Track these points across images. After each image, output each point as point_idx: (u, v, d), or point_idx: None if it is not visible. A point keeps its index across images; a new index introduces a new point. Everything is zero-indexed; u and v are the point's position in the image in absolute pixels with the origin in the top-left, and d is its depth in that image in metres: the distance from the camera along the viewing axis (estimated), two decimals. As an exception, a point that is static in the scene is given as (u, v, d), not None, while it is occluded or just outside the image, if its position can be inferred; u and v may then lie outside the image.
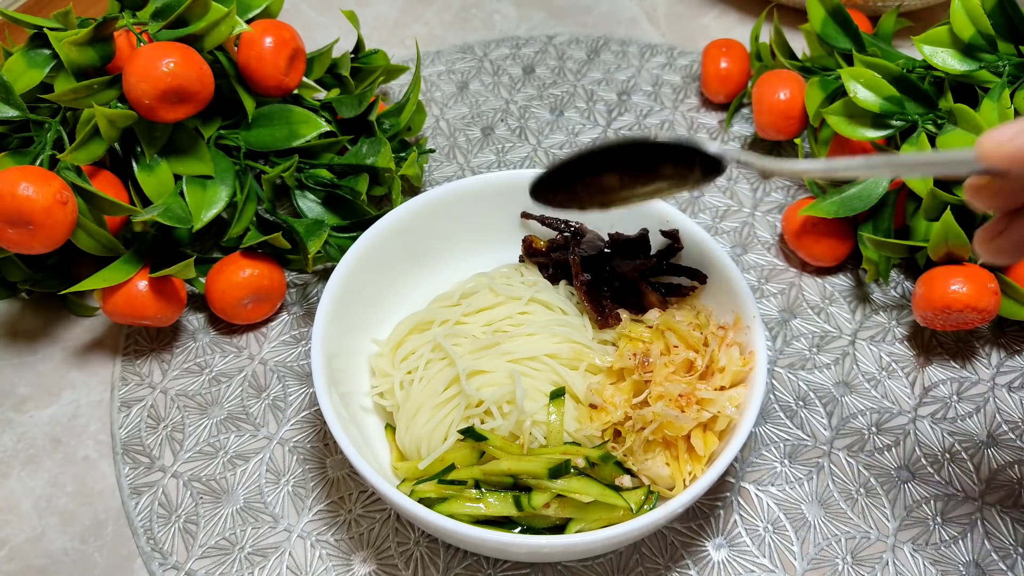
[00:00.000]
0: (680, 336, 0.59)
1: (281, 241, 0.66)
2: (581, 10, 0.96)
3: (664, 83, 0.88)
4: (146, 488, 0.62)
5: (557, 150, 0.82)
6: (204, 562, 0.58)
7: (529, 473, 0.54)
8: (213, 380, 0.67)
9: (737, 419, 0.55)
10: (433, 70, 0.90)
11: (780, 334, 0.70)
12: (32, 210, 0.57)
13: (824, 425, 0.64)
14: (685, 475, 0.56)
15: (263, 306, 0.68)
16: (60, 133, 0.64)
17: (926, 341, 0.69)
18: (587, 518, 0.54)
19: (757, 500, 0.61)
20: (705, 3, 0.97)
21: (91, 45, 0.64)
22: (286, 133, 0.70)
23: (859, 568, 0.58)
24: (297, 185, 0.70)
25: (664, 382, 0.56)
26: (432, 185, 0.80)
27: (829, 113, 0.69)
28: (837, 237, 0.70)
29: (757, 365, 0.56)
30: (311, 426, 0.65)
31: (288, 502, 0.61)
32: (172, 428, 0.65)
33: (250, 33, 0.68)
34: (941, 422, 0.65)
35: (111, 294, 0.63)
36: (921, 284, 0.65)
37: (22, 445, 0.64)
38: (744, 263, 0.74)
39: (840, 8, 0.75)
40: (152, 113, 0.63)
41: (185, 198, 0.66)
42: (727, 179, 0.80)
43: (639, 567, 0.58)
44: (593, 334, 0.62)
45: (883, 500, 0.61)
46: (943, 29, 0.67)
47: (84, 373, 0.68)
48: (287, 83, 0.70)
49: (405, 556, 0.58)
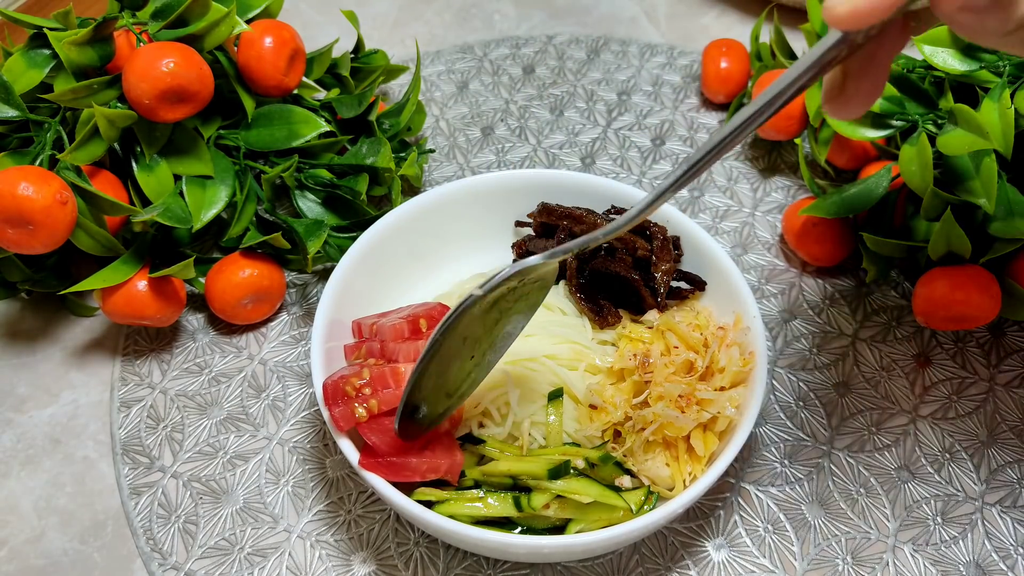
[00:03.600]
0: (680, 337, 0.59)
1: (281, 241, 0.66)
2: (581, 10, 0.96)
3: (664, 83, 0.88)
4: (146, 488, 0.62)
5: (557, 150, 0.82)
6: (204, 562, 0.58)
7: (528, 474, 0.54)
8: (213, 380, 0.67)
9: (737, 419, 0.55)
10: (433, 70, 0.90)
11: (780, 334, 0.70)
12: (32, 210, 0.57)
13: (824, 425, 0.64)
14: (685, 475, 0.56)
15: (263, 306, 0.68)
16: (60, 133, 0.64)
17: (926, 341, 0.69)
18: (587, 519, 0.54)
19: (757, 500, 0.61)
20: (705, 3, 0.97)
21: (91, 45, 0.64)
22: (286, 133, 0.70)
23: (859, 568, 0.58)
24: (297, 185, 0.70)
25: (664, 383, 0.56)
26: (432, 185, 0.80)
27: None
28: (837, 237, 0.70)
29: (757, 365, 0.56)
30: (311, 426, 0.65)
31: (288, 502, 0.61)
32: (172, 428, 0.65)
33: (250, 33, 0.68)
34: (941, 422, 0.65)
35: (111, 294, 0.63)
36: (921, 284, 0.65)
37: (22, 445, 0.64)
38: (744, 263, 0.74)
39: (840, 8, 0.75)
40: (152, 113, 0.62)
41: (185, 198, 0.66)
42: (727, 179, 0.80)
43: (639, 567, 0.58)
44: (593, 334, 0.62)
45: (883, 500, 0.61)
46: (943, 29, 0.66)
47: (84, 373, 0.68)
48: (287, 83, 0.70)
49: (405, 556, 0.58)
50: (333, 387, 0.54)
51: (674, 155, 0.82)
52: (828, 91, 0.42)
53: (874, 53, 0.39)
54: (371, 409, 0.54)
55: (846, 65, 0.40)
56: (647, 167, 0.81)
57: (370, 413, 0.54)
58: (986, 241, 0.65)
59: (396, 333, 0.59)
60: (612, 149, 0.83)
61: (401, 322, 0.59)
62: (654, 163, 0.81)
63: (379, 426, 0.54)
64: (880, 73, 0.40)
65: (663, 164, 0.81)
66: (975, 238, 0.64)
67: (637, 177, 0.80)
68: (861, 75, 0.40)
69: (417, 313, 0.61)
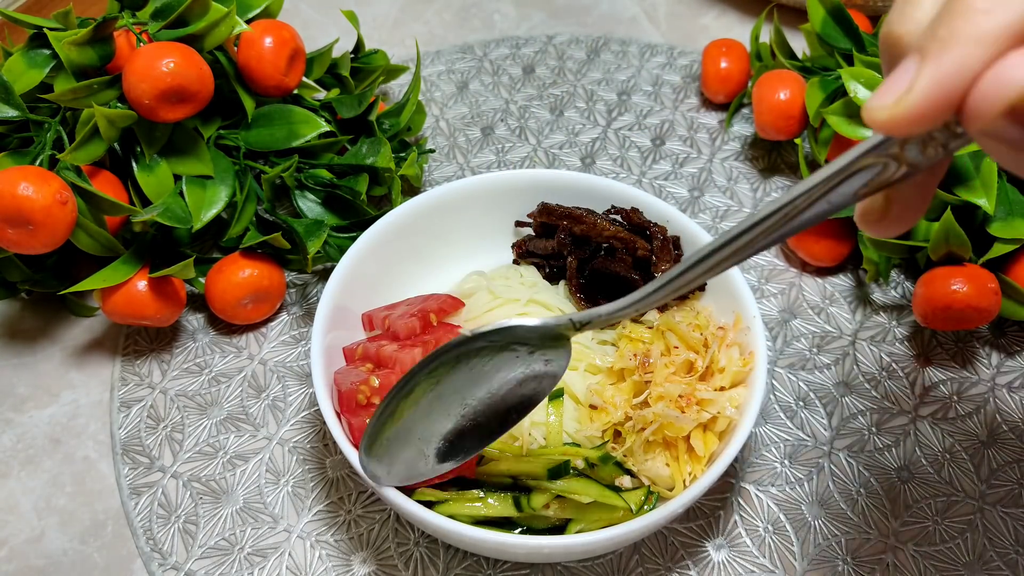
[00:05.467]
0: (680, 337, 0.59)
1: (281, 241, 0.66)
2: (581, 10, 0.96)
3: (664, 83, 0.88)
4: (146, 488, 0.62)
5: (557, 150, 0.82)
6: (204, 562, 0.58)
7: (528, 474, 0.54)
8: (213, 380, 0.67)
9: (737, 419, 0.55)
10: (433, 70, 0.90)
11: (780, 334, 0.70)
12: (32, 210, 0.57)
13: (824, 425, 0.64)
14: (685, 475, 0.56)
15: (263, 306, 0.68)
16: (60, 133, 0.64)
17: (926, 341, 0.69)
18: (587, 519, 0.54)
19: (757, 500, 0.61)
20: (705, 3, 0.97)
21: (91, 45, 0.64)
22: (286, 133, 0.70)
23: (859, 568, 0.58)
24: (297, 185, 0.70)
25: (664, 383, 0.56)
26: (432, 185, 0.80)
27: (829, 113, 0.69)
28: (837, 237, 0.70)
29: (757, 365, 0.56)
30: (311, 426, 0.65)
31: (288, 502, 0.61)
32: (172, 428, 0.65)
33: (250, 33, 0.68)
34: (941, 422, 0.65)
35: (111, 294, 0.63)
36: (921, 284, 0.65)
37: (21, 445, 0.64)
38: (744, 263, 0.74)
39: (840, 8, 0.75)
40: (152, 113, 0.62)
41: (185, 198, 0.66)
42: (727, 179, 0.80)
43: (639, 567, 0.58)
44: (593, 335, 0.62)
45: (883, 500, 0.61)
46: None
47: (84, 373, 0.68)
48: (287, 83, 0.70)
49: (405, 556, 0.58)
50: (348, 395, 0.54)
51: (674, 155, 0.82)
52: (867, 213, 0.36)
53: (927, 180, 0.35)
54: None
55: (895, 190, 0.35)
56: (647, 167, 0.81)
57: None
58: (986, 241, 0.65)
59: (408, 330, 0.59)
60: (612, 149, 0.83)
61: (413, 319, 0.59)
62: (654, 163, 0.81)
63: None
64: (929, 193, 0.36)
65: (663, 164, 0.81)
66: (975, 238, 0.64)
67: (637, 177, 0.80)
68: (910, 198, 0.35)
69: (427, 307, 0.61)
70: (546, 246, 0.67)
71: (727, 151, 0.82)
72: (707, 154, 0.82)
